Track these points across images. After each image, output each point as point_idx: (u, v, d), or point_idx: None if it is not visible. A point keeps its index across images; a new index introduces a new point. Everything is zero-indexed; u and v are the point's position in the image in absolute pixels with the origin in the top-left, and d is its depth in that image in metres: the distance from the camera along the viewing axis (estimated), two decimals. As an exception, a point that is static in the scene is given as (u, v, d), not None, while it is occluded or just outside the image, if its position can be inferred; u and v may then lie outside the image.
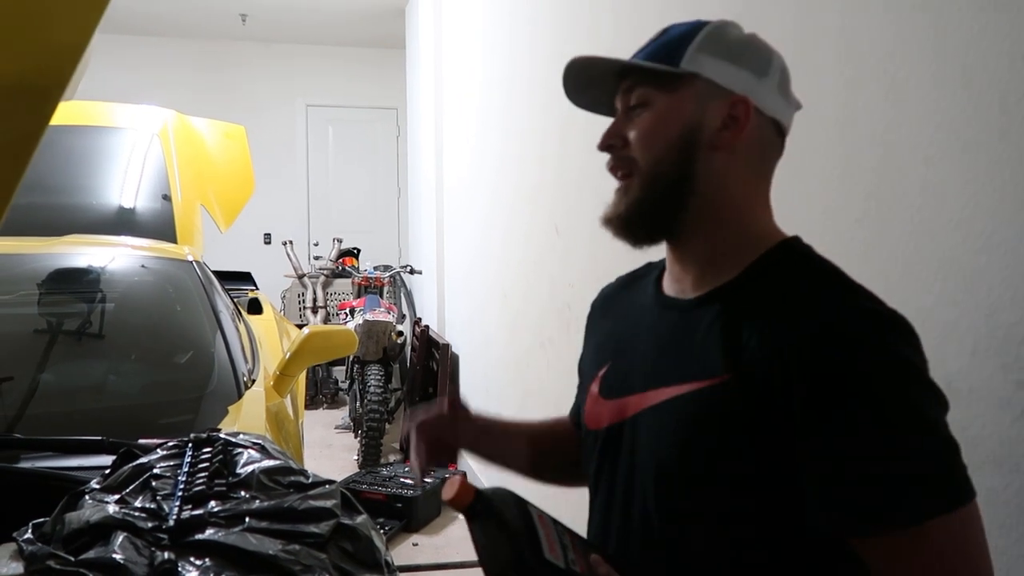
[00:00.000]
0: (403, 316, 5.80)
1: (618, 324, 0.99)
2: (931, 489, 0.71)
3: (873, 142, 1.22)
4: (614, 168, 0.89)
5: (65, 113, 2.89)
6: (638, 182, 0.86)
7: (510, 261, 3.26)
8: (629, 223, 0.87)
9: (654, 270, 1.00)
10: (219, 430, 1.24)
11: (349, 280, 5.70)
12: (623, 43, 2.15)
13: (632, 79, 0.88)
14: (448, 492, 0.79)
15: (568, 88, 0.93)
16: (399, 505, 3.46)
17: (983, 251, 1.03)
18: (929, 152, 1.11)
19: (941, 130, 1.09)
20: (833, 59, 1.30)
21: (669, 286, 0.93)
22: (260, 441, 1.21)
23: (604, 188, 0.91)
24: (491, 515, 0.79)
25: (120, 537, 0.97)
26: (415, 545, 3.35)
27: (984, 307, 1.03)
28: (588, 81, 0.91)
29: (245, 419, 1.84)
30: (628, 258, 1.06)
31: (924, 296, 1.10)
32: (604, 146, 0.89)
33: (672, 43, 0.87)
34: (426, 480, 3.67)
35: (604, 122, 0.91)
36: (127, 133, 3.10)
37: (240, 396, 1.97)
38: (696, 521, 0.82)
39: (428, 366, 4.58)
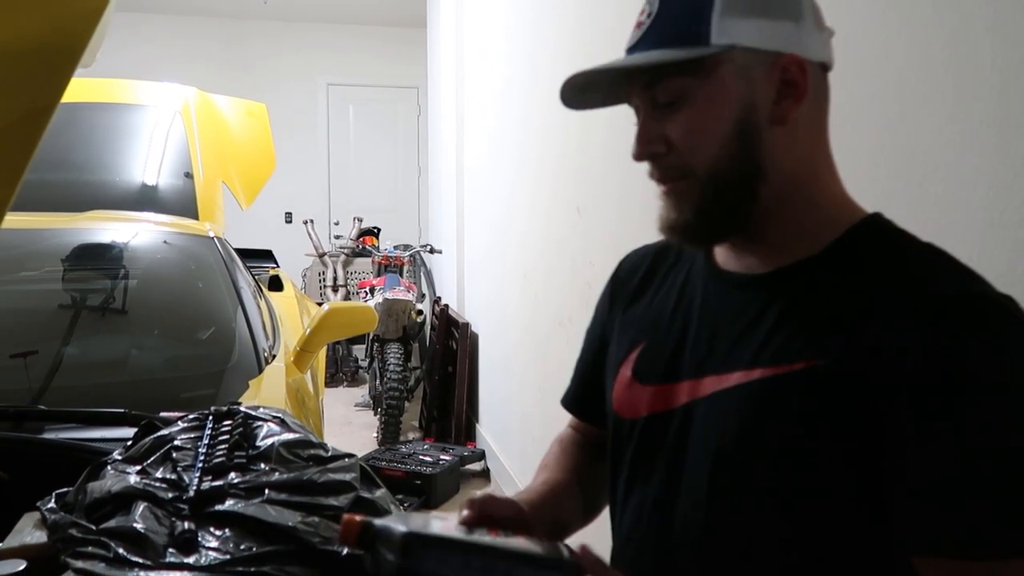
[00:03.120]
0: (423, 295, 5.81)
1: (654, 301, 0.89)
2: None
3: (944, 119, 1.13)
4: (662, 178, 0.77)
5: (88, 90, 2.91)
6: (698, 188, 0.75)
7: (531, 241, 3.25)
8: (699, 231, 0.77)
9: None
10: (239, 403, 1.25)
11: (369, 259, 5.72)
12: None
13: (652, 73, 0.75)
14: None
15: (565, 97, 0.82)
16: (418, 482, 3.49)
17: None
18: (1003, 130, 1.03)
19: (1017, 107, 1.03)
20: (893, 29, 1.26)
21: (728, 260, 0.82)
22: (280, 415, 1.21)
23: (627, 168, 0.88)
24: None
25: (141, 507, 0.98)
26: (433, 522, 3.37)
27: None
28: (586, 84, 0.78)
29: (265, 393, 1.85)
30: (651, 236, 1.04)
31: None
32: (645, 155, 0.77)
33: (687, 16, 0.73)
34: (444, 458, 3.70)
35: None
36: (150, 110, 3.11)
37: (260, 371, 1.99)
38: (748, 524, 0.73)
39: (448, 345, 4.59)
